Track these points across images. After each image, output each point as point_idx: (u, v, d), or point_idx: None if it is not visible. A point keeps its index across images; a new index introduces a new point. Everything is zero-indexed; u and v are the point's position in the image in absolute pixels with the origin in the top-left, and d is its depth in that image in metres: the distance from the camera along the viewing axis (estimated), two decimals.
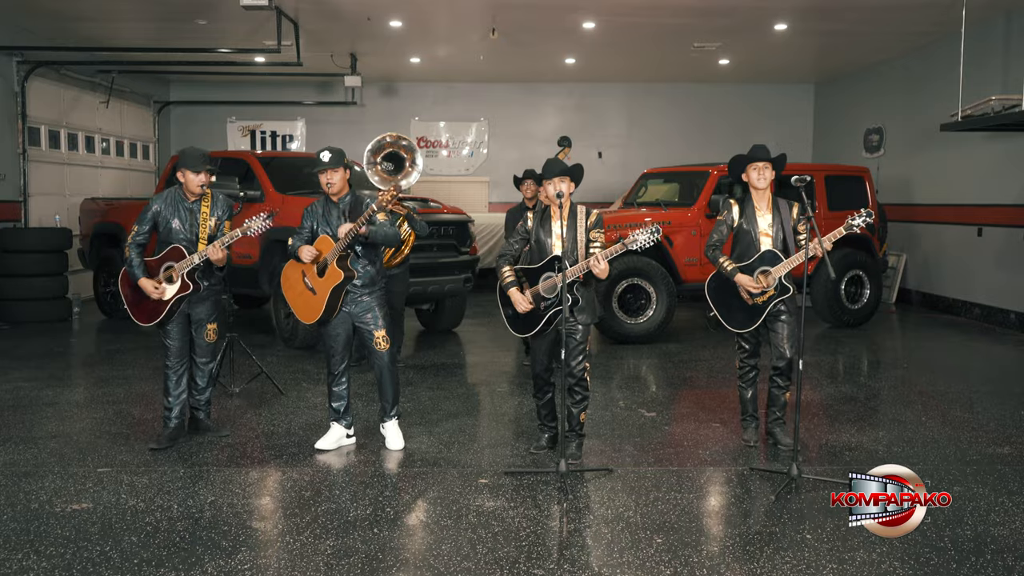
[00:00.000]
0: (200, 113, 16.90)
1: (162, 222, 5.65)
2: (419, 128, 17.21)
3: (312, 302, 5.58)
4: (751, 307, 5.55)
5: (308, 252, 5.50)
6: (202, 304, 5.80)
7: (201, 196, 5.68)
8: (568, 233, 5.32)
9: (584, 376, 5.43)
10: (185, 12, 11.00)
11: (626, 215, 10.43)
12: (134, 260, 5.63)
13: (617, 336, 9.78)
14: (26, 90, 11.95)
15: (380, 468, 5.36)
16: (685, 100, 16.55)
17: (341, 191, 5.58)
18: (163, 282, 5.60)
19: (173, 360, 5.78)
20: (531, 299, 5.36)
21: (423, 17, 11.49)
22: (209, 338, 5.88)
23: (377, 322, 5.63)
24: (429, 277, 9.46)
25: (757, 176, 5.59)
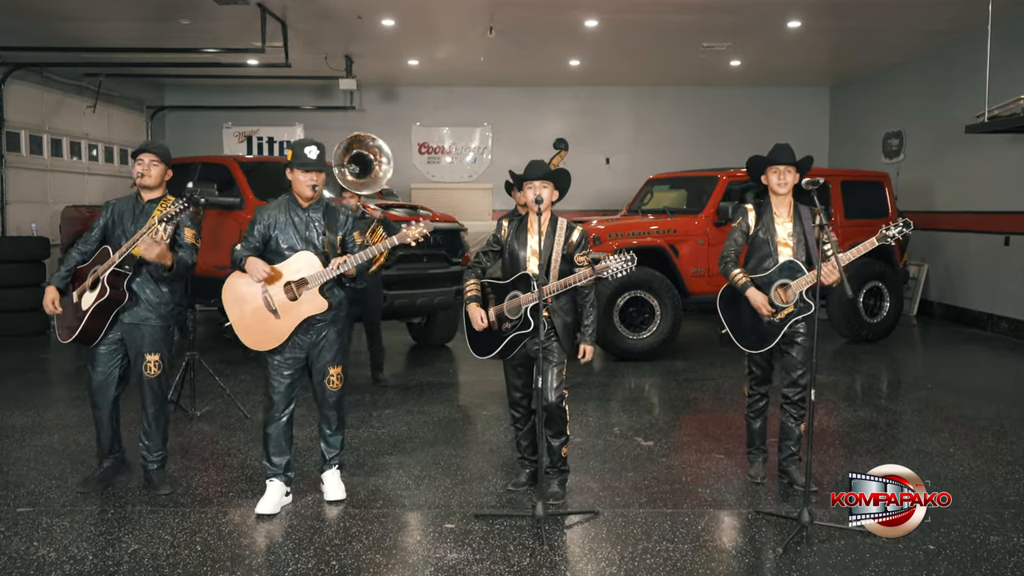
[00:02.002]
0: (195, 118, 16.39)
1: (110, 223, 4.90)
2: (421, 134, 16.64)
3: (271, 327, 4.60)
4: (767, 325, 4.87)
5: (261, 268, 4.54)
6: (138, 329, 4.86)
7: (160, 198, 4.90)
8: (544, 248, 4.72)
9: (563, 405, 4.79)
10: (167, 11, 10.48)
11: (630, 223, 9.82)
12: (64, 264, 4.95)
13: (618, 352, 9.15)
14: (4, 93, 11.46)
15: (333, 511, 4.73)
16: (695, 103, 15.90)
17: (316, 196, 4.69)
18: (87, 289, 4.83)
19: (94, 398, 4.93)
20: (494, 318, 4.77)
21: (416, 15, 10.91)
22: (150, 372, 4.85)
23: (336, 357, 4.78)
24: (418, 289, 8.87)
25: (778, 180, 4.93)
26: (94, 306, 4.76)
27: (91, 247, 4.93)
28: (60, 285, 4.93)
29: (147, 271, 4.85)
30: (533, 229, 4.78)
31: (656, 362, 8.95)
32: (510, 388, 4.95)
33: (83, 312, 4.79)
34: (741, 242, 5.02)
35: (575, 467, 5.39)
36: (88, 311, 4.77)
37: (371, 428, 6.39)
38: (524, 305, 4.60)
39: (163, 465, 5.05)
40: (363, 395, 7.47)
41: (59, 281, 4.94)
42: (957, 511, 4.64)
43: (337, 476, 4.91)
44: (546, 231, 4.75)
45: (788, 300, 4.78)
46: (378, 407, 7.06)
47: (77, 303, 4.87)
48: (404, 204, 10.17)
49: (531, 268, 4.69)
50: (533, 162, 4.84)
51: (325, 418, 4.86)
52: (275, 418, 4.72)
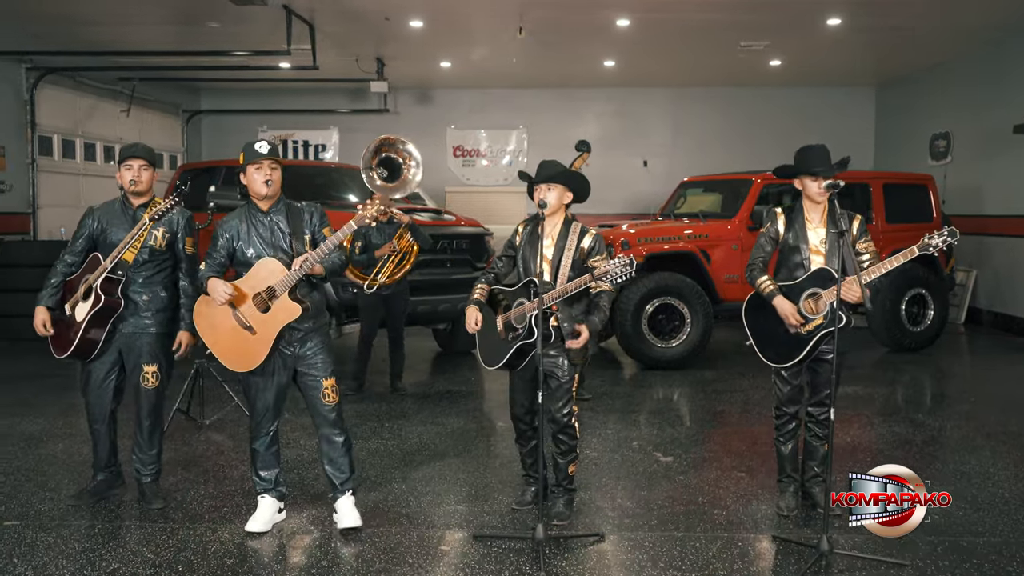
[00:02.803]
0: (231, 122, 16.39)
1: (97, 232, 4.73)
2: (455, 137, 16.49)
3: (250, 345, 4.25)
4: (795, 337, 4.51)
5: (221, 290, 4.21)
6: (135, 339, 4.70)
7: (148, 202, 4.71)
8: (555, 254, 4.49)
9: (571, 423, 4.56)
10: (195, 15, 10.44)
11: (660, 227, 9.53)
12: (49, 280, 4.74)
13: (647, 360, 8.86)
14: (35, 98, 11.49)
15: (325, 528, 4.52)
16: (734, 105, 15.52)
17: (275, 196, 4.36)
18: (80, 300, 4.64)
19: (90, 412, 4.78)
20: (502, 326, 4.55)
21: (445, 16, 10.74)
22: (148, 384, 4.68)
23: (327, 368, 4.38)
24: (441, 295, 8.66)
25: (819, 188, 4.49)
26: (89, 315, 4.57)
27: (77, 258, 4.75)
28: (50, 304, 4.72)
29: (153, 277, 4.70)
30: (547, 234, 4.55)
31: (685, 372, 8.64)
32: (513, 402, 4.70)
33: (78, 324, 4.61)
34: (769, 249, 4.70)
35: (586, 483, 5.15)
36: (83, 321, 4.58)
37: (381, 439, 6.19)
38: (528, 313, 4.37)
39: (157, 478, 4.88)
40: (379, 404, 7.28)
41: (48, 299, 4.72)
42: (994, 540, 4.31)
43: (351, 503, 4.45)
44: (558, 235, 4.53)
45: (818, 311, 4.45)
46: (392, 417, 6.86)
47: (71, 315, 4.68)
48: (427, 208, 9.96)
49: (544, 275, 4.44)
50: (544, 163, 4.60)
51: (326, 438, 4.45)
52: (261, 434, 4.45)
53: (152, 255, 4.70)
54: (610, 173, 15.66)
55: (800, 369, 4.60)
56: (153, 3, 9.98)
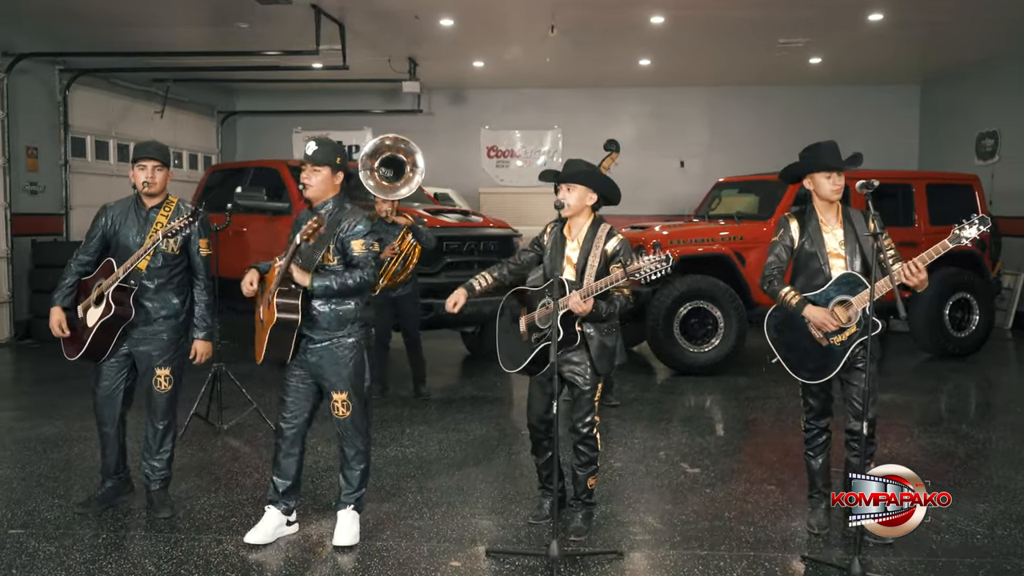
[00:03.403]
0: (266, 123, 16.41)
1: (110, 232, 4.65)
2: (489, 137, 16.34)
3: (260, 336, 4.28)
4: (825, 350, 4.25)
5: (245, 280, 4.29)
6: (147, 344, 4.60)
7: (162, 202, 4.64)
8: (580, 256, 4.32)
9: (593, 433, 4.37)
10: (224, 15, 10.38)
11: (694, 229, 9.29)
12: (63, 281, 4.69)
13: (679, 366, 8.62)
14: (68, 99, 11.53)
15: (332, 538, 4.34)
16: (772, 104, 15.18)
17: (320, 196, 4.27)
18: (91, 304, 4.56)
19: (98, 413, 4.71)
20: (525, 328, 4.40)
21: (475, 15, 10.59)
22: (160, 388, 4.60)
23: (338, 382, 4.23)
24: None
25: (832, 186, 4.29)
26: (100, 322, 4.50)
27: (91, 257, 4.68)
28: (65, 304, 4.65)
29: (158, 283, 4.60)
30: (572, 236, 4.39)
31: (718, 378, 8.38)
32: (530, 410, 4.51)
33: (89, 328, 4.53)
34: (785, 258, 4.44)
35: (607, 496, 4.95)
36: (94, 328, 4.51)
37: (400, 447, 6.04)
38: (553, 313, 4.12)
39: (166, 486, 4.76)
40: (402, 410, 7.14)
41: (62, 300, 4.66)
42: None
43: (351, 519, 4.31)
44: (584, 238, 4.37)
45: (849, 319, 4.21)
46: (414, 423, 6.71)
47: (82, 318, 4.61)
48: (455, 209, 9.82)
49: (567, 275, 4.30)
50: (569, 161, 4.45)
51: (341, 448, 4.37)
52: (283, 430, 4.34)
53: (165, 260, 4.60)
54: (646, 174, 15.42)
55: (828, 382, 4.35)
56: (183, 4, 9.94)
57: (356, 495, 4.37)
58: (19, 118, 10.65)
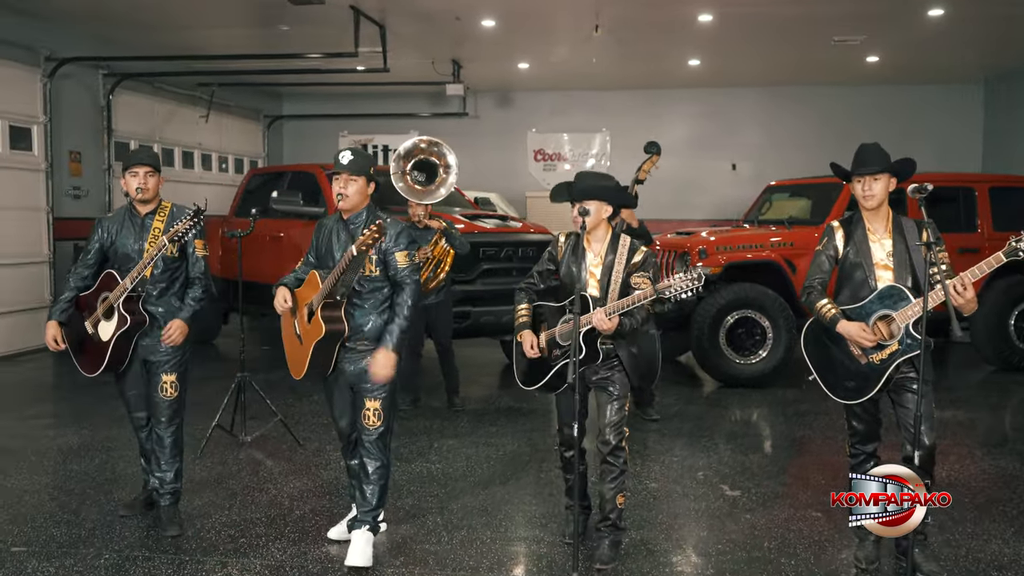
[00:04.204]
0: (312, 127, 16.40)
1: (107, 243, 4.55)
2: (536, 140, 16.12)
3: (299, 352, 4.22)
4: (864, 368, 3.93)
5: (278, 299, 4.20)
6: (157, 347, 4.50)
7: (156, 208, 4.54)
8: (604, 271, 4.12)
9: (622, 444, 4.13)
10: (266, 17, 10.28)
11: (741, 235, 8.91)
12: (61, 296, 4.61)
13: (725, 378, 8.26)
14: (112, 103, 11.53)
15: (344, 570, 4.11)
16: (828, 104, 14.69)
17: (356, 207, 4.18)
18: (101, 319, 4.48)
19: (133, 420, 4.72)
20: (544, 343, 4.18)
21: (517, 15, 10.36)
22: (167, 394, 4.50)
23: (375, 389, 4.12)
24: (505, 305, 8.19)
25: (863, 191, 3.99)
26: (117, 335, 4.43)
27: (91, 270, 4.61)
28: (63, 319, 4.60)
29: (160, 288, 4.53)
30: (592, 247, 4.19)
31: (765, 391, 7.99)
32: (563, 425, 4.25)
33: (105, 344, 4.48)
34: (828, 268, 4.12)
35: (639, 520, 4.66)
36: (111, 341, 4.45)
37: (427, 462, 5.79)
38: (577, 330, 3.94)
39: (176, 501, 4.62)
40: (432, 422, 6.90)
41: (60, 315, 4.59)
42: None
43: (365, 539, 4.14)
44: (606, 250, 4.15)
45: (891, 336, 3.86)
46: (444, 436, 6.46)
47: (94, 334, 4.54)
48: (493, 214, 9.58)
49: (589, 290, 4.10)
50: (579, 175, 4.25)
51: (362, 462, 4.20)
52: (344, 450, 4.45)
53: (166, 264, 4.54)
54: (696, 177, 15.09)
55: (875, 403, 4.01)
56: (224, 6, 9.85)
57: (373, 513, 4.20)
58: (62, 122, 10.66)
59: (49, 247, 10.50)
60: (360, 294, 4.15)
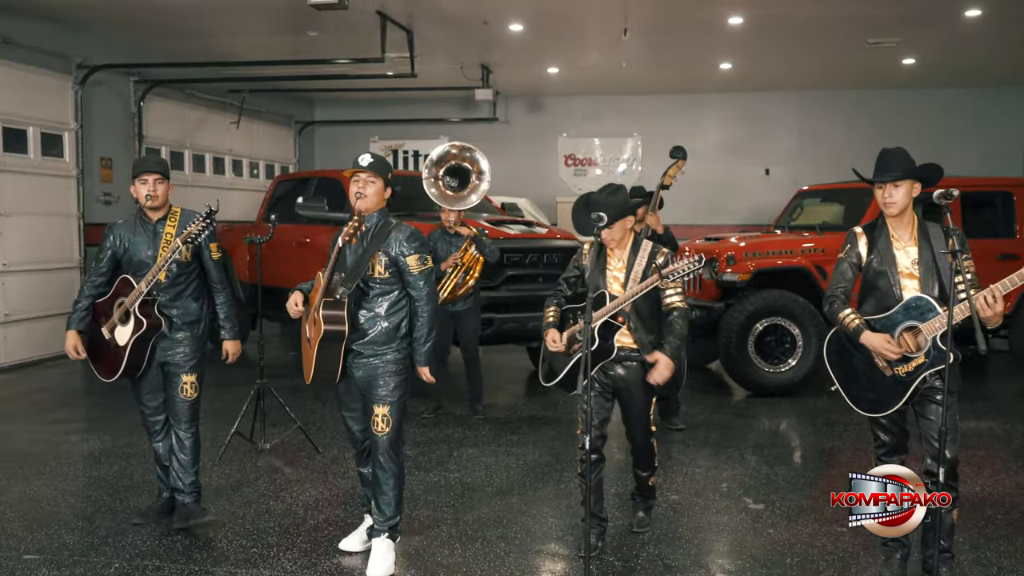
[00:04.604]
0: (343, 133, 16.44)
1: (120, 250, 4.56)
2: (567, 145, 16.02)
3: (308, 356, 4.13)
4: (889, 380, 3.80)
5: (290, 303, 4.15)
6: (175, 349, 4.58)
7: (166, 214, 4.58)
8: (626, 274, 4.26)
9: (650, 442, 4.44)
10: (294, 24, 10.29)
11: (772, 241, 8.74)
12: (77, 304, 4.63)
13: (753, 386, 8.10)
14: (143, 110, 11.62)
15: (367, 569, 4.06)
16: (864, 108, 14.44)
17: (372, 209, 4.09)
18: (117, 324, 4.50)
19: (148, 425, 4.75)
20: (565, 341, 4.29)
21: (545, 19, 10.28)
22: (186, 394, 4.59)
23: (384, 395, 4.06)
24: (530, 312, 8.12)
25: (883, 198, 3.83)
26: (134, 339, 4.45)
27: (104, 278, 4.63)
28: (82, 328, 4.64)
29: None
30: (614, 253, 4.35)
31: (795, 399, 7.83)
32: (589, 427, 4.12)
33: (122, 348, 4.50)
34: (851, 276, 3.98)
35: (658, 534, 4.56)
36: (128, 345, 4.47)
37: (445, 471, 5.72)
38: (592, 324, 4.09)
39: (198, 498, 4.71)
40: (454, 430, 6.82)
41: (79, 324, 4.63)
42: None
43: (386, 547, 4.11)
44: (628, 256, 4.33)
45: (918, 348, 3.72)
46: (464, 445, 6.38)
47: (110, 339, 4.57)
48: (518, 220, 9.49)
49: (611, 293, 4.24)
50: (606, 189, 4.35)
51: (374, 471, 4.16)
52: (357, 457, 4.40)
53: (180, 267, 4.57)
54: (729, 182, 14.94)
55: (902, 416, 3.87)
56: (253, 13, 9.87)
57: (391, 522, 4.16)
58: (93, 129, 10.75)
59: (80, 253, 10.58)
60: (367, 295, 4.09)
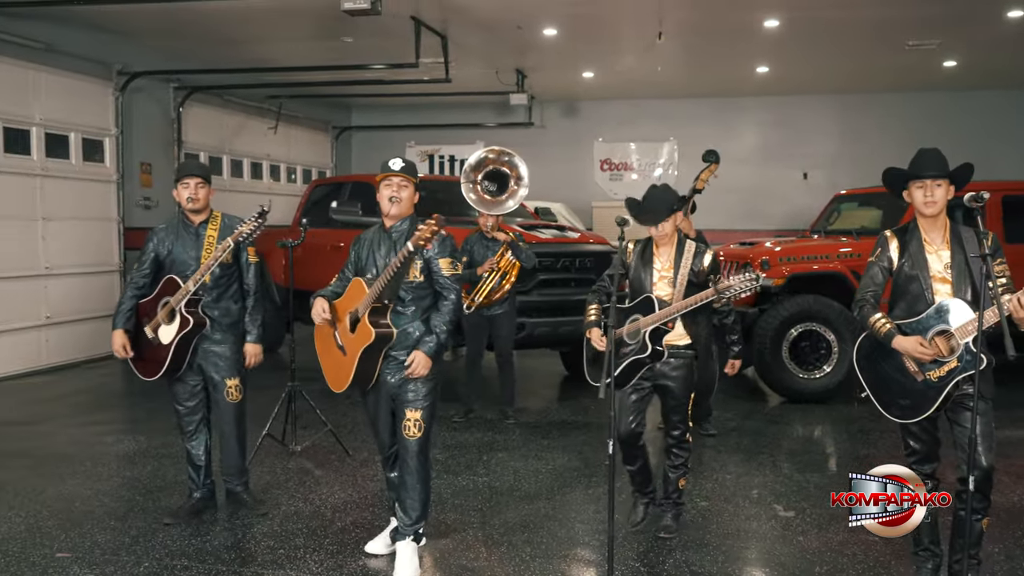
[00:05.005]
0: (380, 138, 16.53)
1: (163, 253, 4.72)
2: (603, 150, 16.00)
3: (342, 365, 4.14)
4: (921, 385, 3.73)
5: (316, 310, 4.14)
6: (215, 355, 4.72)
7: (208, 218, 4.73)
8: (673, 274, 4.46)
9: (686, 438, 4.63)
10: (330, 30, 10.37)
11: (808, 246, 8.65)
12: (121, 305, 4.77)
13: (787, 392, 8.01)
14: (182, 116, 11.79)
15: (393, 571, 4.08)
16: (905, 111, 14.23)
17: (404, 214, 4.12)
18: (161, 323, 4.64)
19: (184, 425, 4.86)
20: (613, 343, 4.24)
21: (579, 24, 10.25)
22: (232, 398, 4.79)
23: (416, 400, 4.08)
24: (562, 317, 8.11)
25: (924, 197, 3.79)
26: (179, 338, 4.59)
27: (147, 280, 4.77)
28: (128, 327, 4.78)
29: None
30: (660, 252, 4.57)
31: (830, 406, 7.73)
32: (620, 424, 4.43)
33: (166, 347, 4.62)
34: (881, 280, 3.92)
35: (686, 540, 4.54)
36: (172, 344, 4.60)
37: (473, 475, 5.72)
38: (643, 329, 4.33)
39: (248, 485, 5.02)
40: (484, 434, 6.83)
41: (125, 322, 4.78)
42: None
43: (411, 550, 4.13)
44: (674, 255, 4.54)
45: (951, 352, 3.65)
46: (494, 450, 6.38)
47: (154, 338, 4.70)
48: (551, 224, 9.48)
49: (657, 292, 4.46)
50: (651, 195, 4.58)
51: (402, 474, 4.16)
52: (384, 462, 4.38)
53: (222, 270, 4.69)
54: (767, 186, 14.82)
55: (933, 423, 3.80)
56: (288, 19, 9.96)
57: (416, 526, 4.17)
58: (133, 135, 10.93)
59: (120, 256, 10.76)
60: (403, 301, 4.10)
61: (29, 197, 9.46)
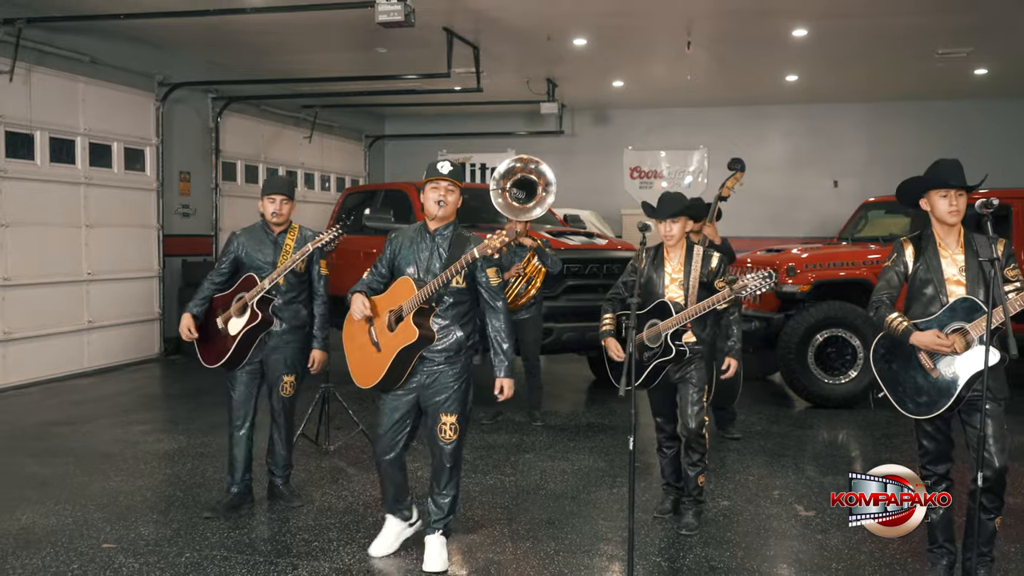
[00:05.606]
0: (412, 146, 16.78)
1: (242, 255, 5.07)
2: (633, 158, 16.12)
3: (373, 361, 4.19)
4: (936, 383, 3.85)
5: (358, 306, 4.23)
6: (279, 352, 5.05)
7: (287, 228, 5.09)
8: (684, 277, 4.71)
9: (702, 432, 4.80)
10: (364, 41, 10.60)
11: (834, 253, 8.72)
12: (198, 293, 5.11)
13: (813, 397, 8.08)
14: (220, 125, 12.08)
15: (402, 570, 4.26)
16: (935, 120, 14.25)
17: (449, 218, 4.23)
18: (232, 316, 4.96)
19: (234, 414, 5.10)
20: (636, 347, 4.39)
21: (609, 34, 10.40)
22: (286, 392, 5.11)
23: (451, 405, 4.19)
24: (587, 322, 8.24)
25: (949, 206, 3.88)
26: (246, 330, 4.89)
27: (223, 277, 5.10)
28: (197, 312, 5.09)
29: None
30: (671, 257, 4.81)
31: (855, 411, 7.80)
32: (654, 414, 5.02)
33: (232, 338, 4.93)
34: (896, 284, 4.03)
35: (706, 536, 4.66)
36: (239, 336, 4.90)
37: (500, 475, 5.87)
38: (664, 332, 4.60)
39: (288, 479, 5.28)
40: (511, 436, 6.98)
41: (196, 309, 5.08)
42: None
43: (440, 544, 4.28)
44: (684, 259, 4.78)
45: (966, 348, 3.75)
46: (521, 451, 6.53)
47: (223, 328, 5.01)
48: (578, 231, 9.62)
49: (669, 296, 4.71)
50: (665, 198, 4.81)
51: (435, 473, 4.30)
52: (382, 458, 4.32)
53: (295, 277, 5.04)
54: (797, 194, 14.89)
55: (946, 422, 3.90)
56: (324, 31, 10.20)
57: (445, 521, 4.32)
58: (173, 144, 11.22)
59: (159, 263, 11.04)
60: (443, 305, 4.18)
61: (73, 205, 9.76)
